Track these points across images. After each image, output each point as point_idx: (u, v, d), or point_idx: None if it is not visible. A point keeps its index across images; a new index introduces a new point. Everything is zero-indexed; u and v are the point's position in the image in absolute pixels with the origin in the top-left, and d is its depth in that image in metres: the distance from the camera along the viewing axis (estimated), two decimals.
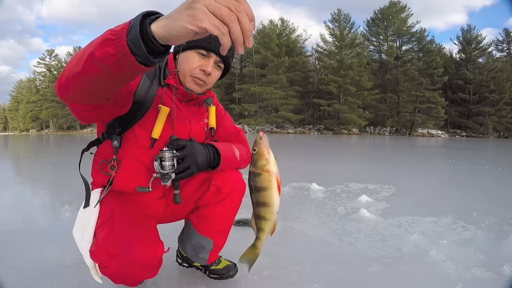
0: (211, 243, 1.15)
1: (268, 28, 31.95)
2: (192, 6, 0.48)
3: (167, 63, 1.02)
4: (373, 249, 1.60)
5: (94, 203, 0.96)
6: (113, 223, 0.91)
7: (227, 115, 1.26)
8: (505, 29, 32.87)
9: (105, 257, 0.86)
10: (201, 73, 0.98)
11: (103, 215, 0.94)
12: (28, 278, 1.26)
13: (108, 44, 0.56)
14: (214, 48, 0.97)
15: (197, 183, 1.12)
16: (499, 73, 28.47)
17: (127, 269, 0.86)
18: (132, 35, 0.53)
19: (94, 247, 0.90)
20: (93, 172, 1.04)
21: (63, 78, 0.69)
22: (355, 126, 29.30)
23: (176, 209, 1.12)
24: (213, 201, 1.10)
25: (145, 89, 0.94)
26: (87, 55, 0.60)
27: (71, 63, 0.66)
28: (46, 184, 3.57)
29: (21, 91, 49.47)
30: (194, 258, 1.20)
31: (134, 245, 0.86)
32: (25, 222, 2.07)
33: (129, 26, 0.54)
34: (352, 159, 7.06)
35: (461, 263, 1.42)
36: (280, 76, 29.10)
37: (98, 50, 0.57)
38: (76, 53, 0.68)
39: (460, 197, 2.90)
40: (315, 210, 2.34)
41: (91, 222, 0.93)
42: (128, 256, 0.84)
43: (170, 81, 0.98)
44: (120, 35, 0.54)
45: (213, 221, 1.12)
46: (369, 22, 32.53)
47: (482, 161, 6.72)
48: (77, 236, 0.94)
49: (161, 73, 0.99)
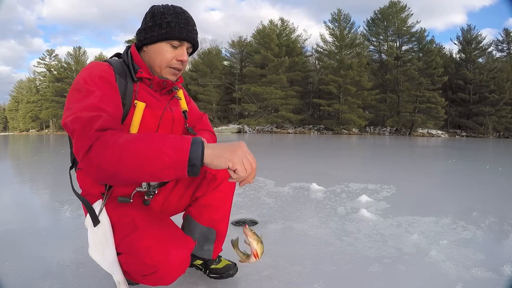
0: (214, 232, 1.15)
1: (268, 28, 31.92)
2: (234, 153, 0.73)
3: (133, 57, 0.99)
4: (373, 249, 1.60)
5: (104, 219, 0.91)
6: (142, 230, 0.87)
7: (191, 100, 1.26)
8: (505, 29, 32.91)
9: (150, 263, 0.82)
10: (178, 63, 0.98)
11: (122, 226, 0.90)
12: (28, 278, 1.26)
13: (170, 171, 0.70)
14: (186, 36, 0.95)
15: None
16: (499, 73, 28.45)
17: (173, 267, 0.84)
18: (194, 169, 0.70)
19: (128, 258, 0.86)
20: (85, 185, 0.99)
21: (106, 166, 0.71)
22: (355, 126, 29.28)
23: (172, 203, 1.13)
24: (210, 188, 1.12)
25: (122, 88, 0.92)
26: (148, 174, 0.71)
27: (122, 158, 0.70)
28: (46, 184, 3.56)
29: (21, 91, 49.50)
30: (199, 252, 1.18)
31: (172, 245, 0.86)
32: (25, 222, 2.07)
33: (188, 162, 0.69)
34: (352, 159, 7.06)
35: (461, 263, 1.42)
36: (280, 76, 29.10)
37: (161, 173, 0.70)
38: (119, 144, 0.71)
39: (460, 197, 2.90)
40: (315, 210, 2.34)
41: (108, 239, 0.89)
42: (172, 257, 0.84)
43: (142, 75, 0.96)
44: (181, 166, 0.70)
45: (212, 208, 1.13)
46: (369, 22, 32.51)
47: (482, 161, 6.72)
48: (97, 258, 0.90)
49: (130, 69, 0.97)
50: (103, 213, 0.92)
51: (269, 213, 2.24)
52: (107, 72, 0.89)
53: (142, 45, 0.98)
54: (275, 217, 2.13)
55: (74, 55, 41.69)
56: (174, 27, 0.93)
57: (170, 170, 0.69)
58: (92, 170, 0.71)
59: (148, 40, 0.96)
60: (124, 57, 0.99)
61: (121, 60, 0.99)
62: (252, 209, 2.32)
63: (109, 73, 0.89)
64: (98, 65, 0.90)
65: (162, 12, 0.95)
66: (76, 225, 1.93)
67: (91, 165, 0.71)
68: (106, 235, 0.89)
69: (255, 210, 2.31)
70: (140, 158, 0.69)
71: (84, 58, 41.94)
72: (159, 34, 0.93)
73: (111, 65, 0.93)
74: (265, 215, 2.19)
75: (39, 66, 42.34)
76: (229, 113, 34.37)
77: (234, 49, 35.82)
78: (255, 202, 2.53)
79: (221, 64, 33.74)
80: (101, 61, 0.94)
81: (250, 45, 33.35)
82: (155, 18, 0.95)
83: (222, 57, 35.47)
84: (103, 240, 0.89)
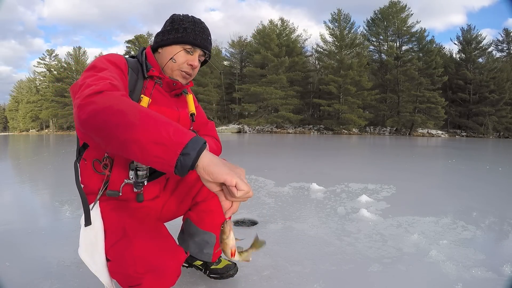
0: (214, 237, 1.15)
1: (268, 28, 31.93)
2: (233, 169, 0.65)
3: (147, 57, 1.02)
4: (373, 249, 1.60)
5: (96, 221, 0.90)
6: (131, 240, 0.86)
7: (200, 106, 1.28)
8: (505, 29, 32.94)
9: (134, 276, 0.82)
10: (189, 68, 1.02)
11: (113, 232, 0.89)
12: (28, 278, 1.26)
13: (159, 149, 0.61)
14: (199, 43, 1.00)
15: (192, 179, 1.12)
16: (499, 73, 28.44)
17: (160, 281, 0.83)
18: (185, 161, 0.61)
19: (115, 267, 0.86)
20: (85, 178, 0.98)
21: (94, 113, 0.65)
22: (355, 126, 29.29)
23: (172, 207, 1.12)
24: (211, 195, 1.12)
25: (133, 83, 0.95)
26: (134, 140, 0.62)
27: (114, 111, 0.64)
28: (46, 184, 3.57)
29: (21, 91, 49.50)
30: (198, 255, 1.19)
31: (162, 257, 0.84)
32: (25, 222, 2.07)
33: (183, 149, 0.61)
34: (352, 159, 7.06)
35: (461, 263, 1.42)
36: (280, 76, 29.11)
37: (148, 146, 0.62)
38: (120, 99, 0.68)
39: (460, 197, 2.90)
40: (315, 210, 2.34)
41: (98, 242, 0.88)
42: (160, 270, 0.83)
43: (154, 73, 0.99)
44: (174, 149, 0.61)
45: (213, 214, 1.13)
46: (369, 22, 32.52)
47: (482, 161, 6.72)
48: (86, 259, 0.89)
49: (143, 67, 1.00)
50: (97, 215, 0.91)
51: (269, 213, 2.24)
52: (121, 61, 0.93)
53: (158, 46, 1.03)
54: (275, 217, 2.13)
55: (74, 55, 41.69)
56: (190, 32, 0.99)
57: (161, 147, 0.61)
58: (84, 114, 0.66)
59: (164, 42, 1.01)
60: (138, 57, 1.02)
61: (135, 59, 1.02)
62: (252, 209, 2.32)
63: (123, 62, 0.93)
64: (114, 54, 0.95)
65: (181, 19, 1.02)
66: (76, 225, 1.93)
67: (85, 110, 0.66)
68: (97, 238, 0.88)
69: (255, 210, 2.31)
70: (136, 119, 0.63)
71: (84, 58, 41.95)
72: (175, 37, 0.99)
73: (127, 60, 0.97)
74: (265, 215, 2.19)
75: (39, 66, 42.41)
76: (229, 113, 34.37)
77: (234, 49, 35.86)
78: (255, 202, 2.53)
79: (221, 64, 33.73)
80: (116, 54, 0.98)
81: (250, 45, 33.36)
82: (173, 23, 1.02)
83: (222, 57, 35.47)
84: (94, 242, 0.88)
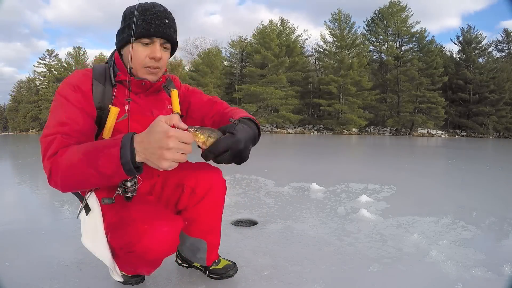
0: (204, 243, 1.15)
1: (268, 28, 31.88)
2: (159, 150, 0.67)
3: (115, 61, 0.97)
4: (373, 249, 1.60)
5: (94, 206, 0.93)
6: (129, 206, 0.90)
7: (195, 89, 1.21)
8: (505, 29, 32.95)
9: (133, 234, 0.83)
10: (152, 61, 0.94)
11: (110, 209, 0.92)
12: (28, 278, 1.26)
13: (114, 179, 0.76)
14: (155, 32, 0.91)
15: (172, 187, 1.09)
16: (499, 73, 28.46)
17: (157, 241, 0.83)
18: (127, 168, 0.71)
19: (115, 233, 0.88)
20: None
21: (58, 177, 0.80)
22: (355, 126, 29.28)
23: None
24: (191, 204, 1.09)
25: (100, 94, 0.91)
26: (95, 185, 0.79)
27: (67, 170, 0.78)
28: (46, 184, 3.54)
29: (21, 91, 49.46)
30: (193, 259, 1.21)
31: (159, 219, 0.85)
32: (25, 222, 2.07)
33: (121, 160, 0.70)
34: (352, 159, 7.06)
35: (461, 263, 1.42)
36: (280, 76, 29.08)
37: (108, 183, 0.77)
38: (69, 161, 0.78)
39: (460, 197, 2.90)
40: (315, 210, 2.34)
41: (98, 225, 0.91)
42: (157, 230, 0.83)
43: (121, 77, 0.95)
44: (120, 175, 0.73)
45: (198, 223, 1.11)
46: (369, 22, 32.54)
47: (482, 161, 6.72)
48: (88, 245, 0.92)
49: (111, 72, 0.95)
50: (95, 201, 0.95)
51: (269, 213, 2.24)
52: (82, 80, 0.92)
53: (119, 48, 0.98)
54: (275, 217, 2.13)
55: (74, 55, 41.65)
56: (141, 24, 0.90)
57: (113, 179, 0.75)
58: (59, 189, 0.83)
59: (121, 42, 0.96)
60: (109, 62, 0.99)
61: (107, 65, 0.99)
62: (252, 209, 2.32)
63: (84, 81, 0.92)
64: (75, 74, 0.94)
65: (131, 12, 0.93)
66: (76, 225, 1.93)
67: (57, 186, 0.82)
68: (96, 222, 0.92)
69: (255, 210, 2.31)
70: (82, 180, 0.77)
71: (84, 58, 41.93)
72: (128, 34, 0.91)
73: (93, 71, 0.95)
74: (265, 215, 2.19)
75: (39, 66, 42.36)
76: None
77: (234, 49, 35.83)
78: (255, 202, 2.53)
79: (221, 64, 33.71)
80: (85, 69, 0.97)
81: (250, 45, 33.31)
82: (125, 19, 0.95)
83: (222, 57, 35.45)
84: (94, 227, 0.92)
